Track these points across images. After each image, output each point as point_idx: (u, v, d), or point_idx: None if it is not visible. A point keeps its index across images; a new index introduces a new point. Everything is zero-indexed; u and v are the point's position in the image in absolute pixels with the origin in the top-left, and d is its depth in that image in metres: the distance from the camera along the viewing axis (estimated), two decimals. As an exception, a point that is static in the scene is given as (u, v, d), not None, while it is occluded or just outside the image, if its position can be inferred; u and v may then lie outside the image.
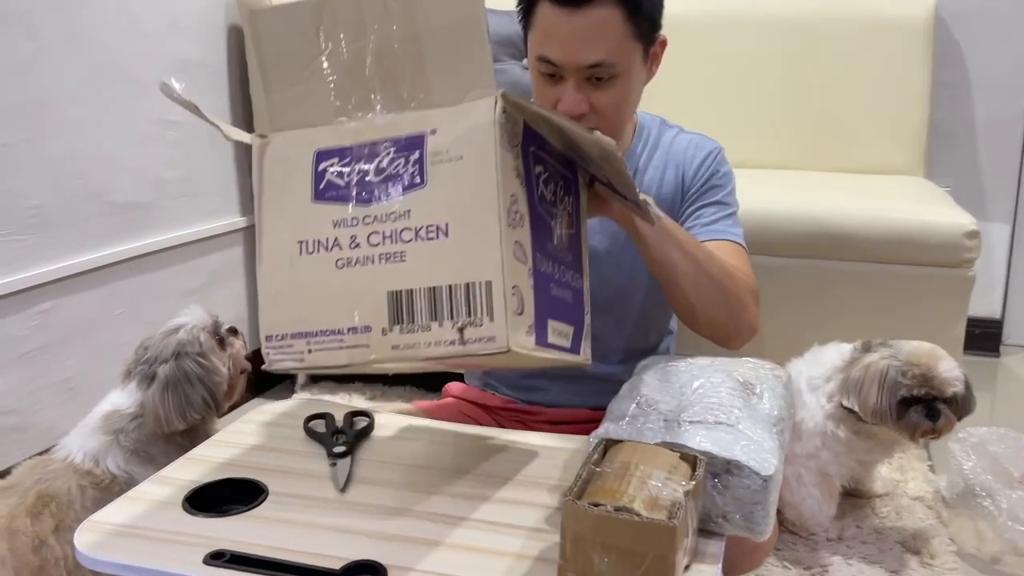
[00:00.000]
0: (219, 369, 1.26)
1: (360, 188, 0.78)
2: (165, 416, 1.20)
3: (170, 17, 1.71)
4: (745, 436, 0.88)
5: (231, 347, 1.31)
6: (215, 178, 1.88)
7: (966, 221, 1.55)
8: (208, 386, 1.23)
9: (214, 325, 1.29)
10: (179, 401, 1.21)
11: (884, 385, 1.27)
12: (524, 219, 0.76)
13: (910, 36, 2.13)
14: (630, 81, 1.15)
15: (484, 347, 0.72)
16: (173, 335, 1.26)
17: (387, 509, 0.93)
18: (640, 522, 0.72)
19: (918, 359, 1.29)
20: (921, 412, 1.27)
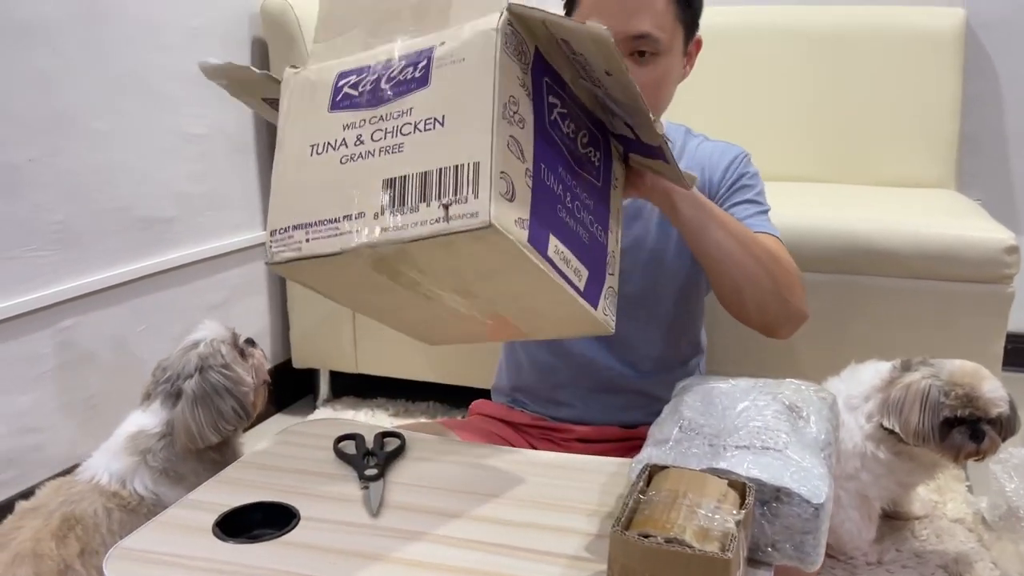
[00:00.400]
0: (244, 379, 1.25)
1: (371, 95, 0.81)
2: (198, 431, 1.19)
3: (193, 29, 1.70)
4: (794, 462, 0.85)
5: (252, 357, 1.30)
6: (237, 192, 1.87)
7: (1005, 236, 1.52)
8: (237, 396, 1.23)
9: (232, 337, 1.28)
10: (210, 414, 1.20)
11: (926, 406, 1.24)
12: (526, 124, 0.77)
13: (940, 47, 2.10)
14: (671, 62, 1.17)
15: (467, 223, 0.72)
16: (193, 350, 1.24)
17: (421, 535, 0.91)
18: (692, 555, 0.70)
19: (961, 379, 1.25)
20: (965, 433, 1.24)
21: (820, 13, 2.20)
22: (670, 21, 1.15)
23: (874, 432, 1.29)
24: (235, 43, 1.83)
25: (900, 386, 1.27)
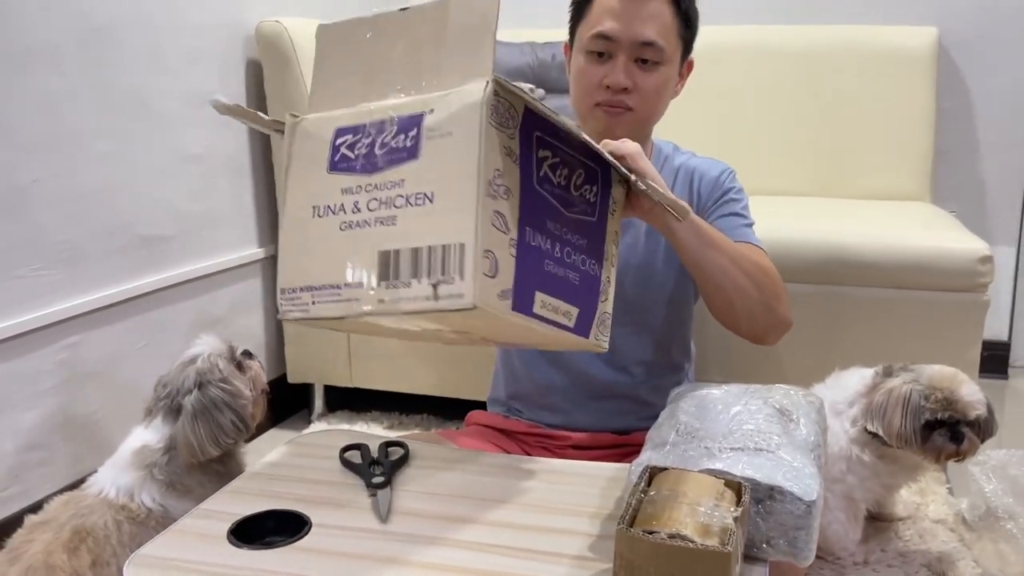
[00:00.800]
0: (243, 392, 1.28)
1: (366, 160, 0.86)
2: (199, 445, 1.21)
3: (192, 51, 1.74)
4: (786, 463, 0.89)
5: (249, 369, 1.33)
6: (235, 210, 1.90)
7: (980, 247, 1.58)
8: (235, 409, 1.25)
9: (229, 350, 1.31)
10: (210, 428, 1.22)
11: (908, 409, 1.29)
12: (511, 194, 0.82)
13: (914, 65, 2.18)
14: (670, 73, 1.27)
15: (453, 303, 0.78)
16: (191, 366, 1.27)
17: (431, 539, 0.94)
18: (695, 549, 0.74)
19: (940, 383, 1.31)
20: (945, 435, 1.29)
21: (799, 33, 2.28)
22: (674, 35, 1.25)
23: (859, 436, 1.34)
24: (232, 65, 1.87)
25: (883, 391, 1.32)
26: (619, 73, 1.23)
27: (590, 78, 1.25)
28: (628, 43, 1.22)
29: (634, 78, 1.24)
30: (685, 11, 1.26)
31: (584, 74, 1.26)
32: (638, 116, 1.27)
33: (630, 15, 1.22)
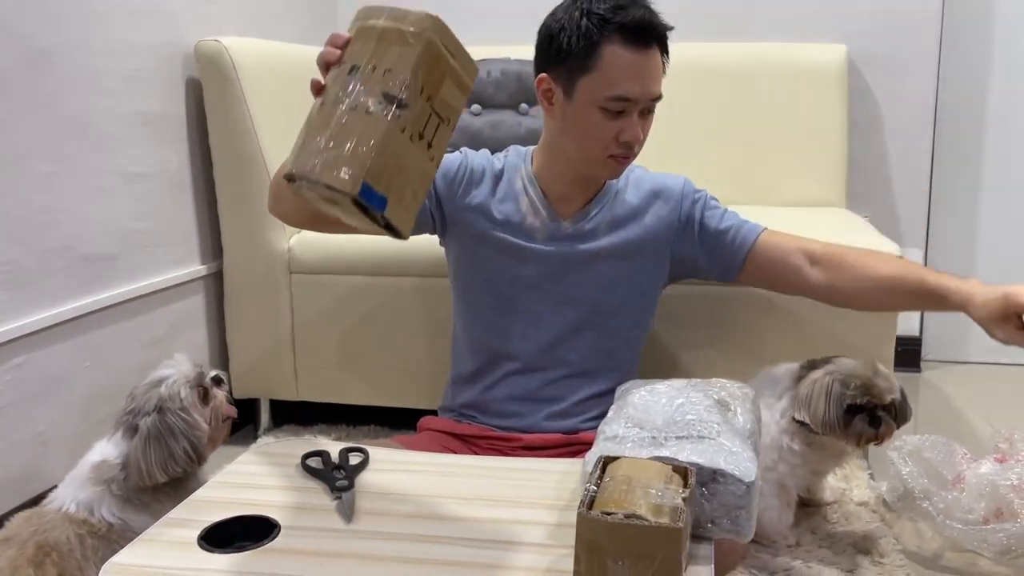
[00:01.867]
0: (200, 424, 1.28)
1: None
2: (147, 469, 1.22)
3: (130, 72, 1.75)
4: (726, 448, 0.97)
5: (214, 399, 1.33)
6: (177, 228, 1.91)
7: (890, 247, 1.70)
8: (190, 439, 1.26)
9: (197, 376, 1.31)
10: (161, 455, 1.23)
11: (830, 398, 1.39)
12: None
13: (826, 80, 2.32)
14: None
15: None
16: (155, 388, 1.28)
17: (398, 535, 0.99)
18: (650, 526, 0.81)
19: (857, 371, 1.41)
20: (864, 420, 1.39)
21: (718, 50, 2.40)
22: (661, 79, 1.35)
23: (788, 426, 1.44)
24: (171, 84, 1.89)
25: (807, 382, 1.42)
26: (636, 130, 1.32)
27: (606, 133, 1.32)
28: (646, 101, 1.31)
29: (642, 127, 1.34)
30: (666, 56, 1.35)
31: (598, 129, 1.32)
32: (633, 157, 1.38)
33: (646, 75, 1.30)
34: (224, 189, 1.97)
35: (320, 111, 0.90)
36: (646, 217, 1.45)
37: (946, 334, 2.64)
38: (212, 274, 2.02)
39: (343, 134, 0.85)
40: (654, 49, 1.31)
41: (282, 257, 1.95)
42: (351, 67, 0.89)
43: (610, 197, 1.45)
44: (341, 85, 0.89)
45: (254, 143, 1.91)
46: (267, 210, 1.41)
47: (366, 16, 0.92)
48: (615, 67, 1.28)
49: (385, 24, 0.89)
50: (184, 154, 1.93)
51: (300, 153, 0.89)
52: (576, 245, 1.43)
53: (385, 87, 0.86)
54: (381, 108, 0.85)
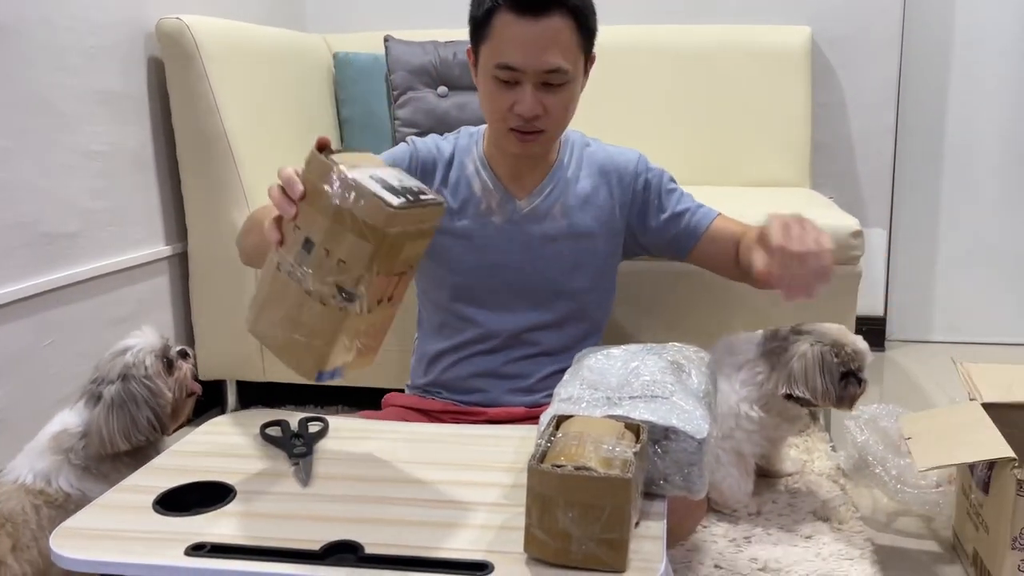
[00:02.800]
0: (164, 392, 1.27)
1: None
2: (109, 437, 1.22)
3: (91, 49, 1.73)
4: (679, 407, 0.98)
5: (179, 370, 1.33)
6: (140, 207, 1.90)
7: (851, 222, 1.73)
8: (153, 408, 1.25)
9: (163, 348, 1.31)
10: (124, 422, 1.23)
11: (824, 369, 1.41)
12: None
13: (790, 62, 2.34)
14: (576, 87, 1.31)
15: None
16: (120, 357, 1.27)
17: (354, 497, 0.99)
18: (599, 477, 0.81)
19: (842, 338, 1.44)
20: (855, 383, 1.42)
21: (683, 32, 2.42)
22: (576, 52, 1.26)
23: (748, 395, 1.46)
24: (133, 62, 1.87)
25: (797, 356, 1.43)
26: (528, 102, 1.25)
27: (499, 104, 1.27)
28: (533, 73, 1.24)
29: (543, 102, 1.26)
30: (586, 24, 1.26)
31: (493, 99, 1.28)
32: (550, 135, 1.33)
33: (533, 44, 1.22)
34: (188, 169, 1.96)
35: (276, 277, 0.91)
36: (599, 197, 1.44)
37: (909, 314, 2.68)
38: (177, 255, 2.01)
39: (299, 319, 0.89)
40: (550, 17, 1.21)
41: (247, 237, 1.95)
42: (305, 239, 0.87)
43: (562, 173, 1.44)
44: (296, 258, 0.88)
45: (217, 122, 1.90)
46: (235, 236, 1.40)
47: (319, 171, 0.86)
48: (502, 35, 1.24)
49: (339, 205, 0.84)
50: (146, 133, 1.91)
51: (260, 314, 0.93)
52: (533, 228, 1.42)
53: (339, 279, 0.85)
54: (336, 301, 0.86)
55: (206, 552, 0.88)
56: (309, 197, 0.88)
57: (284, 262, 0.90)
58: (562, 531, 0.83)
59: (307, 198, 0.88)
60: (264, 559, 0.87)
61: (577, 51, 1.27)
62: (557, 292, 1.45)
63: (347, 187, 0.84)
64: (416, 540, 0.89)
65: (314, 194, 0.87)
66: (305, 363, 0.90)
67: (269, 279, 0.93)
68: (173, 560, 0.87)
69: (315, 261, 0.87)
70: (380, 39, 2.37)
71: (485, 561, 0.85)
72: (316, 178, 0.87)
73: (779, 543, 1.40)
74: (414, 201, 0.87)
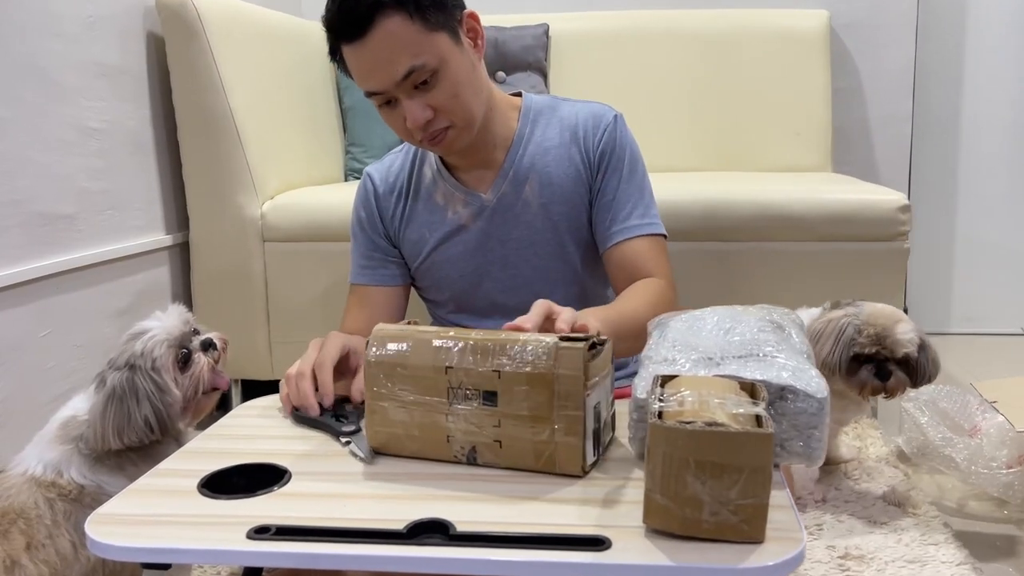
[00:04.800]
0: (171, 389, 1.11)
1: None
2: (102, 431, 1.07)
3: (88, 18, 1.60)
4: (791, 365, 0.88)
5: (196, 364, 1.18)
6: (139, 192, 1.76)
7: (898, 196, 1.66)
8: (155, 406, 1.10)
9: (181, 336, 1.17)
10: (120, 418, 1.08)
11: (840, 340, 1.32)
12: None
13: (808, 46, 2.28)
14: (453, 69, 1.15)
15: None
16: (132, 342, 1.14)
17: (418, 475, 0.88)
18: (738, 432, 0.71)
19: (876, 319, 1.34)
20: (871, 371, 1.32)
21: (699, 18, 2.35)
22: (425, 39, 1.12)
23: None
24: (131, 36, 1.75)
25: (822, 320, 1.34)
26: (413, 112, 1.14)
27: (395, 125, 1.19)
28: (396, 87, 1.13)
29: (428, 102, 1.15)
30: (417, 5, 1.11)
31: (389, 123, 1.20)
32: (460, 125, 1.19)
33: (376, 62, 1.12)
34: (190, 151, 1.83)
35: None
36: (574, 161, 1.29)
37: (928, 306, 2.62)
38: (177, 245, 1.88)
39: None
40: (377, 27, 1.09)
41: (254, 224, 1.82)
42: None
43: (523, 147, 1.29)
44: None
45: (222, 101, 1.78)
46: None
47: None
48: (351, 66, 1.15)
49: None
50: (145, 113, 1.79)
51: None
52: (507, 217, 1.30)
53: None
54: None
55: (272, 535, 0.76)
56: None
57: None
58: (691, 497, 0.72)
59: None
60: (341, 540, 0.75)
61: (426, 36, 1.12)
62: (552, 280, 1.31)
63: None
64: (510, 516, 0.78)
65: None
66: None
67: None
68: (234, 544, 0.75)
69: None
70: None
71: (600, 536, 0.74)
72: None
73: (854, 531, 1.31)
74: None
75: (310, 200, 1.85)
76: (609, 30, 2.36)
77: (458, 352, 0.89)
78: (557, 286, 1.31)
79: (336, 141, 2.28)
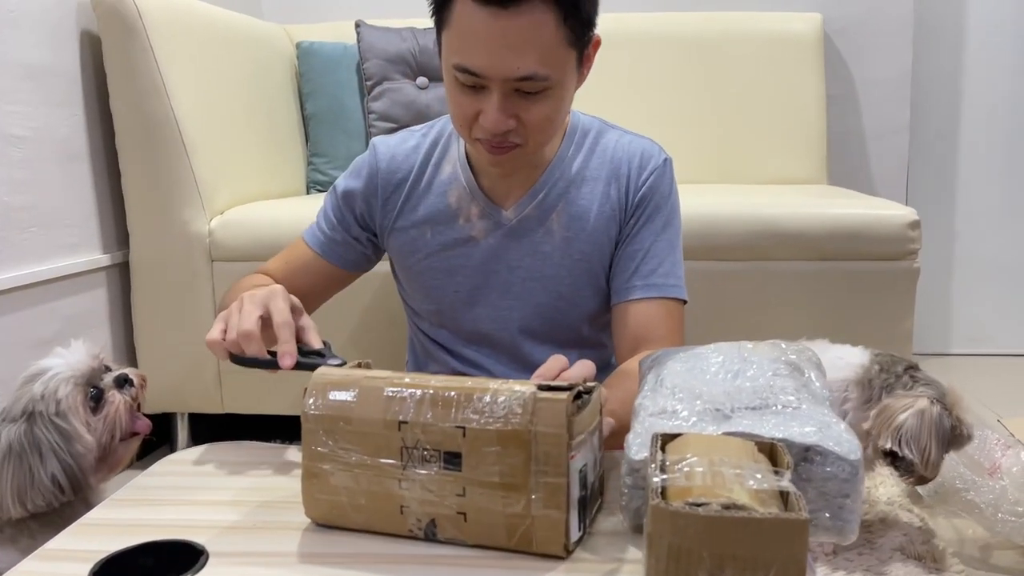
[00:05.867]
0: (82, 435, 0.93)
1: None
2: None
3: (11, 14, 1.44)
4: (816, 419, 0.73)
5: (109, 404, 1.00)
6: (72, 207, 1.59)
7: (908, 212, 1.52)
8: (63, 460, 0.92)
9: (92, 372, 0.99)
10: (21, 479, 0.90)
11: (939, 435, 1.14)
12: None
13: (801, 50, 2.16)
14: (562, 92, 1.01)
15: None
16: (30, 384, 0.96)
17: (367, 556, 0.72)
18: (764, 519, 0.55)
19: (955, 402, 1.17)
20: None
21: (691, 24, 2.21)
22: (561, 51, 0.97)
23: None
24: (61, 35, 1.58)
25: (913, 412, 1.14)
26: (493, 115, 0.97)
27: (462, 110, 1.01)
28: (501, 80, 0.96)
29: (518, 112, 0.99)
30: (575, 10, 0.96)
31: (455, 103, 1.01)
32: (528, 149, 1.04)
33: (501, 44, 0.93)
34: (129, 161, 1.66)
35: None
36: (610, 201, 1.15)
37: (930, 328, 2.50)
38: (117, 264, 1.70)
39: None
40: (525, 8, 0.92)
41: (202, 242, 1.65)
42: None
43: (563, 172, 1.15)
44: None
45: (165, 106, 1.61)
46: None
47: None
48: (463, 27, 0.95)
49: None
50: (79, 119, 1.61)
51: None
52: (522, 244, 1.14)
53: None
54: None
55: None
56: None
57: None
58: (705, 600, 0.56)
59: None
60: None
61: (563, 49, 0.97)
62: (552, 322, 1.17)
63: None
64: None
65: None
66: None
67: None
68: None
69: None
70: (345, 29, 2.11)
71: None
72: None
73: (870, 589, 1.16)
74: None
75: (264, 215, 1.69)
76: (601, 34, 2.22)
77: (414, 403, 0.73)
78: (556, 330, 1.17)
79: (298, 151, 2.12)
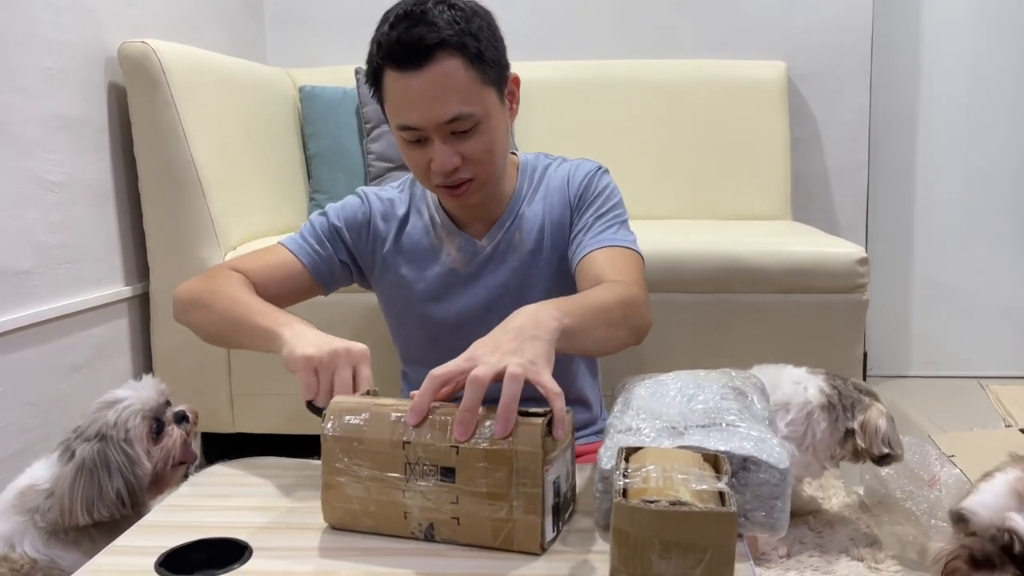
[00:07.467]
0: (142, 462, 1.11)
1: None
2: (70, 505, 1.06)
3: (48, 70, 1.59)
4: (753, 435, 0.89)
5: (168, 437, 1.18)
6: (98, 244, 1.74)
7: (856, 250, 1.69)
8: (127, 479, 1.09)
9: (156, 408, 1.16)
10: (91, 491, 1.06)
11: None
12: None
13: (767, 96, 2.34)
14: (492, 125, 1.17)
15: None
16: (105, 411, 1.12)
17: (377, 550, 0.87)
18: (702, 512, 0.71)
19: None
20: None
21: (662, 69, 2.39)
22: (477, 90, 1.13)
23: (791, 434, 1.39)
24: (91, 88, 1.73)
25: (884, 417, 1.45)
26: (440, 158, 1.14)
27: (417, 163, 1.18)
28: (435, 127, 1.13)
29: (459, 151, 1.15)
30: (479, 56, 1.12)
31: (409, 159, 1.19)
32: (480, 180, 1.20)
33: (424, 98, 1.11)
34: (151, 201, 1.81)
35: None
36: (554, 219, 1.30)
37: (888, 350, 2.67)
38: (137, 296, 1.85)
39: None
40: (434, 63, 1.10)
41: (216, 275, 1.80)
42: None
43: (520, 205, 1.31)
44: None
45: (184, 150, 1.77)
46: (172, 310, 1.26)
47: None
48: (393, 95, 1.14)
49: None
50: (106, 164, 1.77)
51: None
52: (498, 269, 1.30)
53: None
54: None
55: (231, 621, 0.74)
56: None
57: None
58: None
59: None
60: (303, 626, 0.73)
61: (478, 88, 1.13)
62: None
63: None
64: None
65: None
66: None
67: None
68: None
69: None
70: (344, 74, 2.27)
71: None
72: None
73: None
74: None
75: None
76: (572, 79, 2.40)
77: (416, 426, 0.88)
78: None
79: (300, 189, 2.28)
